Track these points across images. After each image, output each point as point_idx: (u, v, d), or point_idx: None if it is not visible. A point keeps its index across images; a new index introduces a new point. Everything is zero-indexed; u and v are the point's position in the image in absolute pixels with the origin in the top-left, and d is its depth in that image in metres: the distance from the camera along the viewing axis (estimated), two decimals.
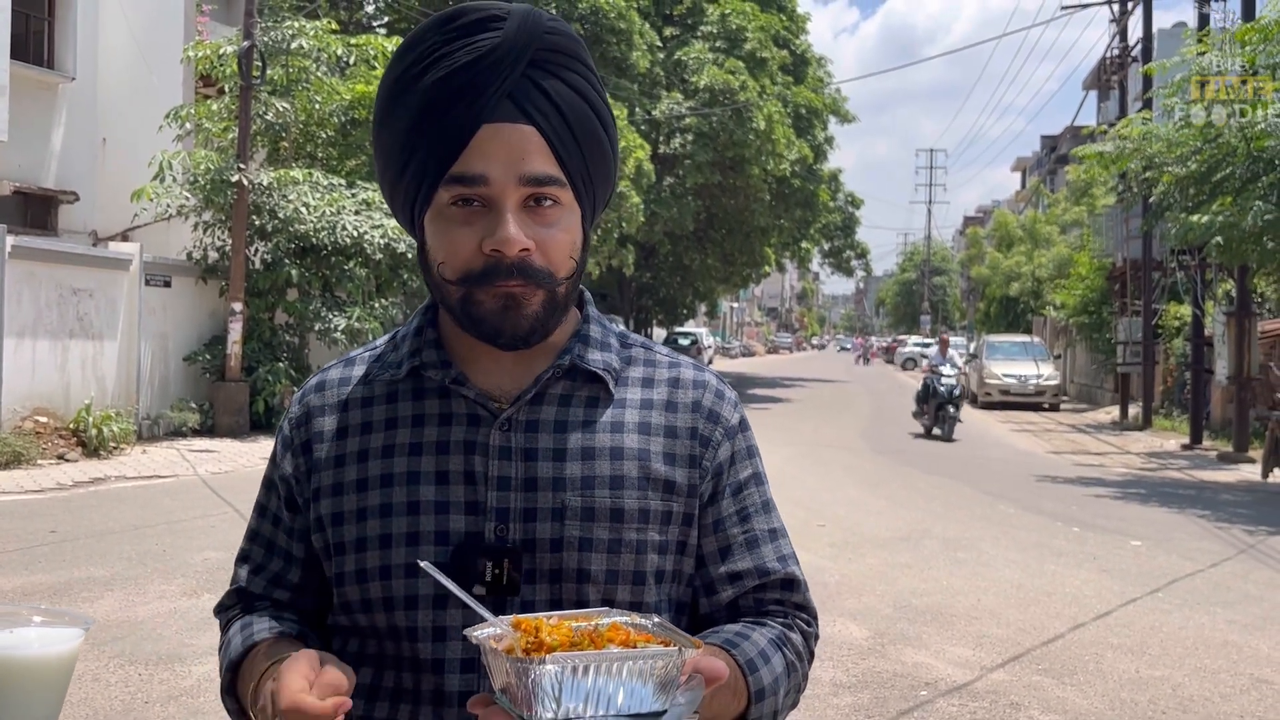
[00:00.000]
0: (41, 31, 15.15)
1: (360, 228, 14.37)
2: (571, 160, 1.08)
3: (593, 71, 1.12)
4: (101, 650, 4.94)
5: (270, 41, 14.67)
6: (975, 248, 48.13)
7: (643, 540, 1.11)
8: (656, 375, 1.20)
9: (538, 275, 1.07)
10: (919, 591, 6.66)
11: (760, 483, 1.21)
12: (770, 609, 1.17)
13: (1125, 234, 21.90)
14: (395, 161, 1.10)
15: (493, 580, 1.07)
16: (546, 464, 1.11)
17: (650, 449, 1.14)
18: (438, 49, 1.07)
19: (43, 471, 10.38)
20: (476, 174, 1.05)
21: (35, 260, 11.66)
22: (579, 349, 1.16)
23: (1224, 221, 12.00)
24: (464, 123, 1.05)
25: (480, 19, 1.07)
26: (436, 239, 1.09)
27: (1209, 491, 12.04)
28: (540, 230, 1.07)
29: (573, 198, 1.09)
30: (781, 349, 79.45)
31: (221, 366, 13.90)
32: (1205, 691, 4.93)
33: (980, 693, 4.81)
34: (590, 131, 1.10)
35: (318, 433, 1.16)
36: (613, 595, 1.09)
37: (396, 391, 1.16)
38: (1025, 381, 25.49)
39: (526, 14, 1.09)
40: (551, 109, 1.07)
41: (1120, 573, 7.39)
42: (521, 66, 1.06)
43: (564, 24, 1.12)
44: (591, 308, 1.21)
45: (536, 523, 1.09)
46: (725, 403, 1.21)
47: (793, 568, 1.19)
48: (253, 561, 1.20)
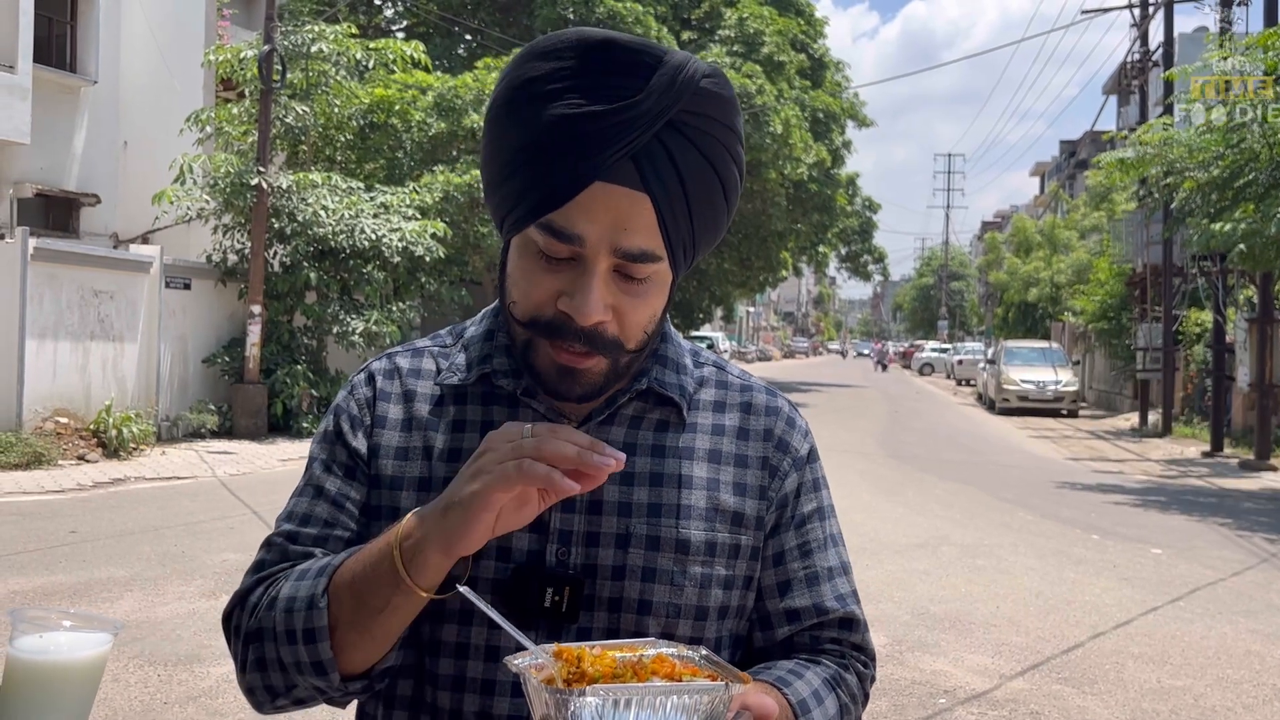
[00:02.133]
0: (64, 35, 15.29)
1: (378, 231, 14.43)
2: (678, 233, 1.00)
3: (735, 133, 1.02)
4: (120, 651, 4.96)
5: (290, 45, 14.76)
6: (993, 253, 47.94)
7: (708, 574, 1.07)
8: (729, 399, 1.16)
9: (605, 345, 1.01)
10: (937, 599, 6.62)
11: (824, 517, 1.16)
12: (827, 648, 1.13)
13: (1145, 239, 21.75)
14: (497, 169, 1.02)
15: (551, 606, 1.03)
16: (613, 487, 1.06)
17: (720, 478, 1.10)
18: (572, 79, 0.96)
19: (63, 472, 10.45)
20: (574, 233, 0.97)
21: (57, 262, 11.75)
22: (656, 371, 1.12)
23: (1247, 228, 11.89)
24: (576, 175, 0.95)
25: (629, 63, 0.96)
26: (516, 273, 1.03)
27: (1230, 499, 11.93)
28: (623, 299, 1.00)
29: (668, 267, 1.02)
30: (798, 353, 79.30)
31: (240, 369, 13.97)
32: (1228, 702, 4.88)
33: (999, 701, 4.78)
34: (709, 202, 1.01)
35: (382, 417, 1.12)
36: (673, 629, 1.06)
37: (465, 394, 1.12)
38: (1043, 387, 25.34)
39: (680, 69, 0.97)
40: (674, 179, 0.97)
41: (1141, 581, 7.33)
42: (657, 127, 0.96)
43: (722, 78, 1.00)
44: (667, 323, 1.13)
45: (599, 548, 1.05)
46: (796, 431, 1.17)
47: (852, 607, 1.14)
48: (304, 541, 1.08)
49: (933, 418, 23.96)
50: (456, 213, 16.82)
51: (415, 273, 15.58)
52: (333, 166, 16.54)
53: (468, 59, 23.88)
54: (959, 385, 40.91)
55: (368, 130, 17.46)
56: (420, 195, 16.00)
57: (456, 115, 17.94)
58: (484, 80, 18.54)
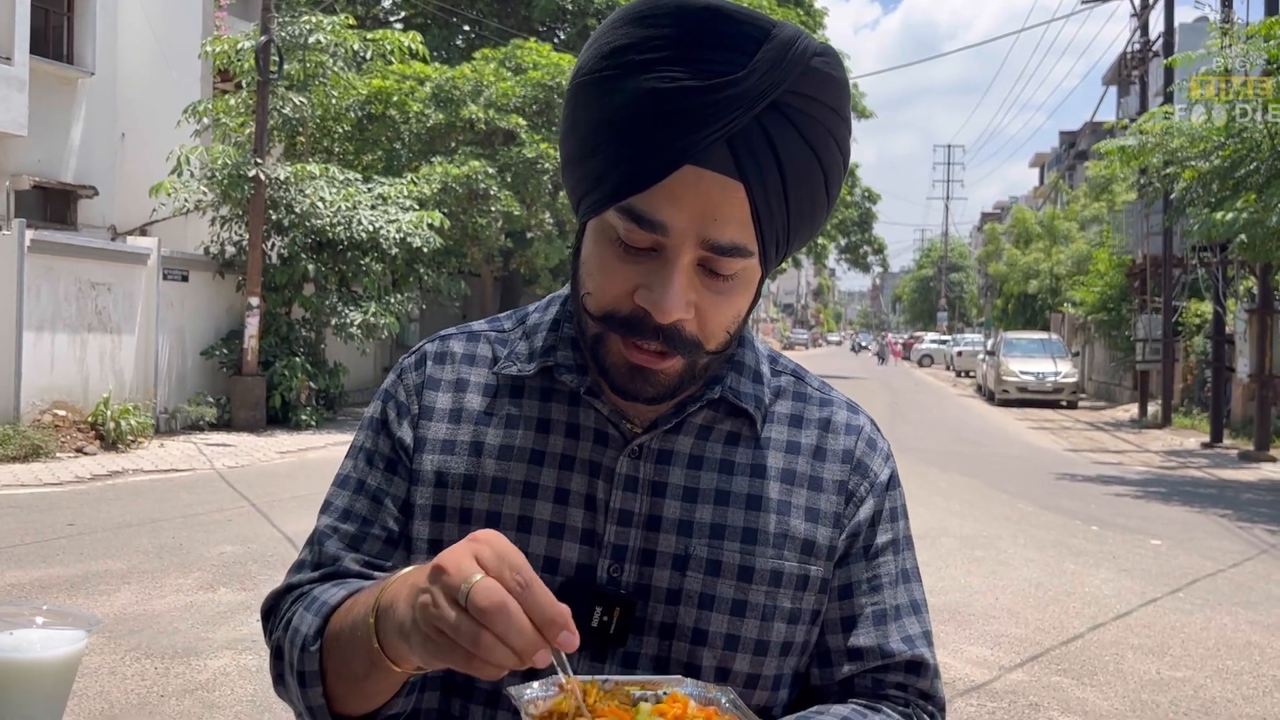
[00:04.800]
0: (61, 27, 15.23)
1: (376, 223, 14.40)
2: (771, 226, 0.90)
3: (843, 119, 0.92)
4: (117, 644, 4.95)
5: (287, 36, 14.71)
6: (993, 244, 47.89)
7: (771, 606, 0.99)
8: (806, 414, 1.07)
9: (683, 345, 0.92)
10: (936, 590, 6.61)
11: (900, 550, 1.06)
12: (890, 693, 1.03)
13: (1145, 230, 21.72)
14: (577, 144, 0.93)
15: (599, 626, 0.96)
16: (675, 503, 0.99)
17: (792, 501, 1.02)
18: (668, 49, 0.86)
19: (61, 464, 10.43)
20: (657, 220, 0.88)
21: (54, 254, 11.71)
22: (731, 379, 1.03)
23: (1248, 219, 11.86)
24: (664, 155, 0.86)
25: (733, 35, 0.86)
26: (591, 260, 0.95)
27: (1230, 490, 11.93)
28: (706, 296, 0.91)
29: (757, 264, 0.93)
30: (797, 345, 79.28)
31: (238, 361, 13.95)
32: (1227, 693, 4.87)
33: (999, 693, 4.77)
34: (808, 195, 0.92)
35: (429, 407, 1.03)
36: (729, 663, 0.98)
37: (523, 386, 1.03)
38: (1043, 379, 25.34)
39: (790, 45, 0.87)
40: (773, 167, 0.88)
41: (1140, 572, 7.32)
42: (759, 108, 0.86)
43: (834, 57, 0.90)
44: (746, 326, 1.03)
45: (655, 568, 0.97)
46: (876, 454, 1.07)
47: (921, 649, 1.04)
48: (342, 540, 1.02)
49: (932, 409, 23.96)
50: (455, 204, 16.78)
51: (413, 264, 15.56)
52: (330, 158, 16.50)
53: (466, 50, 23.81)
54: (958, 377, 40.94)
55: (365, 121, 17.41)
56: (418, 186, 15.97)
57: (454, 106, 17.89)
58: (482, 71, 18.49)
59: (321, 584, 0.98)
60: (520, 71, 18.72)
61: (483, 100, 18.02)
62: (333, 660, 0.89)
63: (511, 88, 18.18)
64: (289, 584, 1.03)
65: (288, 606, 1.00)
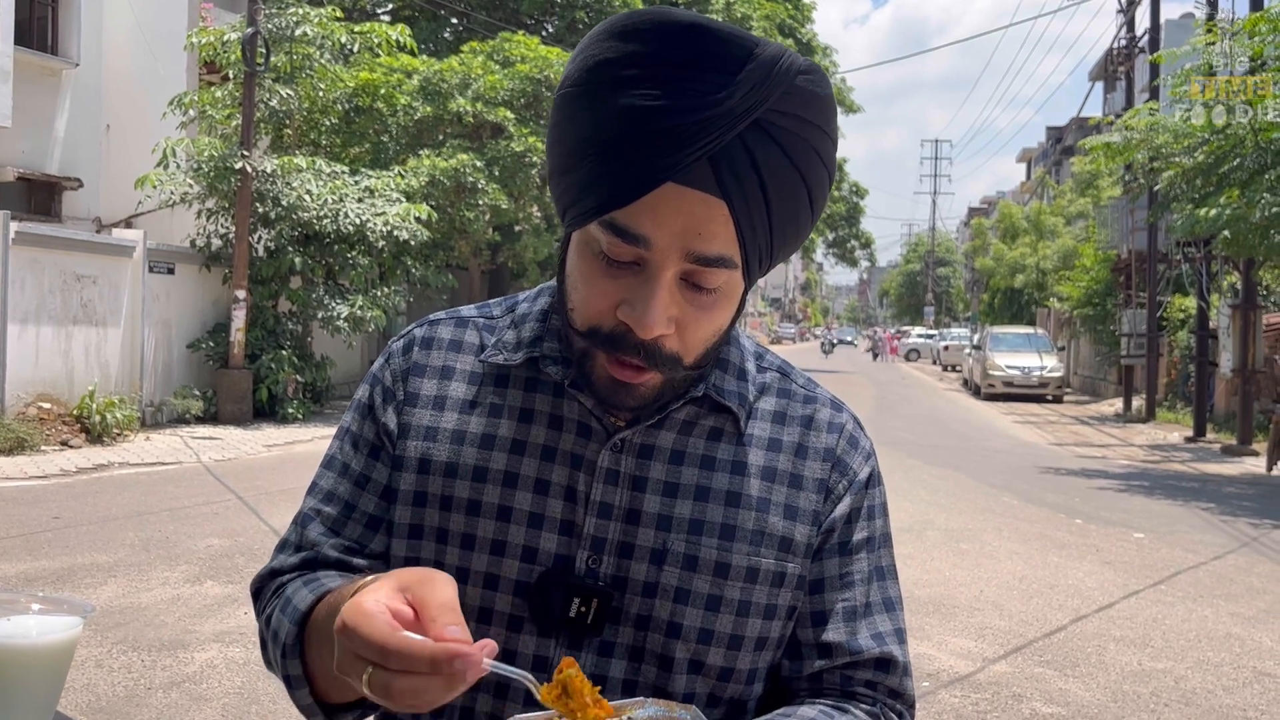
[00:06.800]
0: (45, 17, 15.12)
1: (363, 215, 14.37)
2: (754, 241, 0.91)
3: (828, 135, 0.92)
4: (104, 636, 4.94)
5: (274, 28, 14.64)
6: (980, 239, 48.06)
7: (746, 601, 1.00)
8: (790, 411, 1.07)
9: (663, 360, 0.93)
10: (921, 582, 6.65)
11: (875, 548, 1.07)
12: (859, 691, 1.03)
13: (1130, 226, 21.82)
14: (562, 156, 0.93)
15: (576, 616, 0.97)
16: (654, 497, 1.00)
17: (771, 498, 1.02)
18: (649, 67, 0.86)
19: (46, 458, 10.39)
20: (640, 235, 0.88)
21: (39, 246, 11.65)
22: (716, 376, 1.03)
23: (1231, 214, 11.94)
24: (646, 173, 0.86)
25: (716, 54, 0.86)
26: (575, 275, 0.96)
27: (1213, 484, 12.02)
28: (688, 310, 0.92)
29: (740, 278, 0.93)
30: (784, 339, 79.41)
31: (225, 354, 13.91)
32: (1208, 684, 4.92)
33: (982, 684, 4.81)
34: (791, 211, 0.92)
35: (414, 393, 1.05)
36: (703, 656, 0.99)
37: (508, 376, 1.04)
38: (1029, 373, 25.46)
39: (773, 65, 0.86)
40: (755, 184, 0.88)
41: (1123, 565, 7.38)
42: (741, 127, 0.86)
43: (819, 75, 0.90)
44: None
45: (632, 560, 0.99)
46: (857, 452, 1.08)
47: (890, 646, 1.04)
48: (324, 523, 1.04)
49: (919, 403, 24.04)
50: (442, 197, 16.75)
51: (400, 257, 15.52)
52: (317, 150, 16.44)
53: (454, 43, 23.73)
54: (945, 371, 41.09)
55: (353, 114, 17.34)
56: (405, 179, 15.93)
57: (442, 99, 17.84)
58: (470, 64, 18.44)
59: (300, 576, 1.01)
60: (508, 65, 18.67)
61: (470, 93, 17.97)
62: (313, 659, 0.92)
63: (499, 81, 18.14)
64: (272, 568, 1.05)
65: (270, 596, 1.02)
